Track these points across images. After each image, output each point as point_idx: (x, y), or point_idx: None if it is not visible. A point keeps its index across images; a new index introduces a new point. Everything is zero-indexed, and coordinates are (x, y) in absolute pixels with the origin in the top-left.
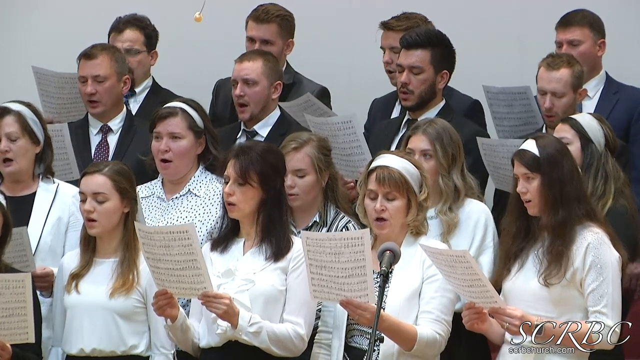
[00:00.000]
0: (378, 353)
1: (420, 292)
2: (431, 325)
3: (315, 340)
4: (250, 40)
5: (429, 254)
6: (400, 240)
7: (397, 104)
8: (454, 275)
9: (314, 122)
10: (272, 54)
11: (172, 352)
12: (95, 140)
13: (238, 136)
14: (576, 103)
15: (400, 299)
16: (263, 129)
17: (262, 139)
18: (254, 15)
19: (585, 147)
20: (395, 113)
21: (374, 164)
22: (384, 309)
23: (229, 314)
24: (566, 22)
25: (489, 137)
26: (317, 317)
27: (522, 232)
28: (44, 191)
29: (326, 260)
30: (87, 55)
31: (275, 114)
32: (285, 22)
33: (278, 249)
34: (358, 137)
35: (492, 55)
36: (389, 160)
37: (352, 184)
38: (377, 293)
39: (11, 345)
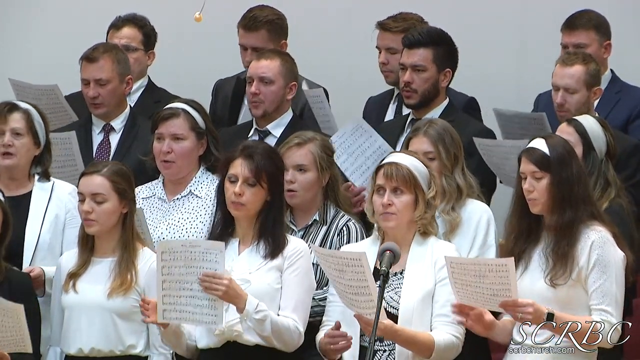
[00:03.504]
0: (389, 354)
1: (434, 295)
2: (447, 329)
3: (321, 327)
4: (243, 47)
5: (456, 265)
6: (409, 239)
7: (391, 103)
8: (481, 286)
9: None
10: (289, 54)
11: (171, 351)
12: (97, 139)
13: (250, 135)
14: (590, 101)
15: (414, 300)
16: (276, 129)
17: (276, 139)
18: (243, 22)
19: (587, 154)
20: (389, 112)
21: (383, 162)
22: (397, 309)
23: (231, 295)
24: (571, 24)
25: (493, 133)
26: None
27: (524, 232)
28: (39, 190)
29: (334, 275)
30: (89, 58)
31: (289, 115)
32: (274, 27)
33: (275, 247)
34: (371, 134)
35: (491, 57)
36: (398, 157)
37: (353, 187)
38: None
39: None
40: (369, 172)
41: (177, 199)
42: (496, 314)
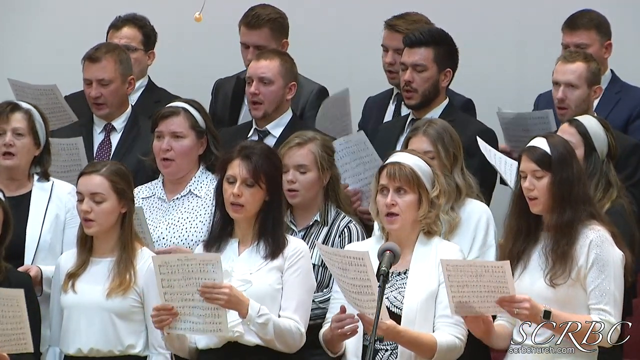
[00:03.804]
0: (391, 353)
1: (437, 296)
2: (450, 330)
3: (324, 324)
4: (244, 46)
5: (452, 267)
6: (413, 239)
7: (390, 102)
8: (478, 284)
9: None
10: (288, 54)
11: (170, 351)
12: (98, 138)
13: (249, 135)
14: (590, 100)
15: (418, 300)
16: (276, 129)
17: (275, 139)
18: (245, 21)
19: (589, 155)
20: (389, 112)
21: (386, 161)
22: (401, 309)
23: (233, 302)
24: (573, 24)
25: (494, 133)
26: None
27: (523, 231)
28: (39, 190)
29: (337, 273)
30: (91, 58)
31: (288, 115)
32: (276, 25)
33: (276, 248)
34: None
35: (491, 57)
36: (401, 157)
37: (351, 191)
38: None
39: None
40: (365, 181)
41: (177, 198)
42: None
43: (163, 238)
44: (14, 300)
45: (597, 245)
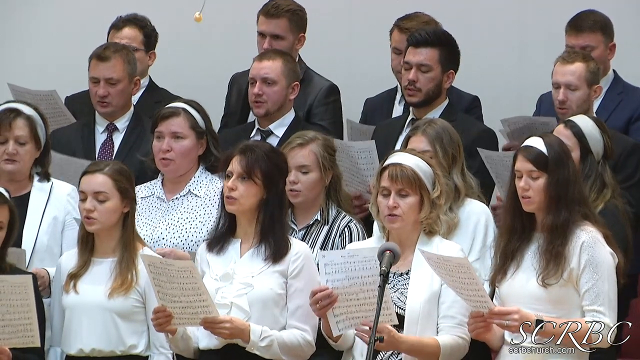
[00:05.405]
0: (392, 351)
1: (440, 296)
2: (454, 330)
3: None
4: (261, 35)
5: (430, 262)
6: (414, 239)
7: (397, 103)
8: (456, 280)
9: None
10: (291, 54)
11: (172, 351)
12: (100, 138)
13: (252, 135)
14: (591, 99)
15: (421, 301)
16: (278, 129)
17: (278, 139)
18: (264, 10)
19: (585, 158)
20: (397, 112)
21: (387, 162)
22: (404, 310)
23: (236, 334)
24: (577, 26)
25: (494, 133)
26: None
27: (517, 230)
28: (38, 191)
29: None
30: (100, 56)
31: (291, 115)
32: (295, 17)
33: (277, 250)
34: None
35: (492, 56)
36: (402, 157)
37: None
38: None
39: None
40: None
41: (176, 198)
42: None
43: (163, 238)
44: (22, 287)
45: (590, 246)
